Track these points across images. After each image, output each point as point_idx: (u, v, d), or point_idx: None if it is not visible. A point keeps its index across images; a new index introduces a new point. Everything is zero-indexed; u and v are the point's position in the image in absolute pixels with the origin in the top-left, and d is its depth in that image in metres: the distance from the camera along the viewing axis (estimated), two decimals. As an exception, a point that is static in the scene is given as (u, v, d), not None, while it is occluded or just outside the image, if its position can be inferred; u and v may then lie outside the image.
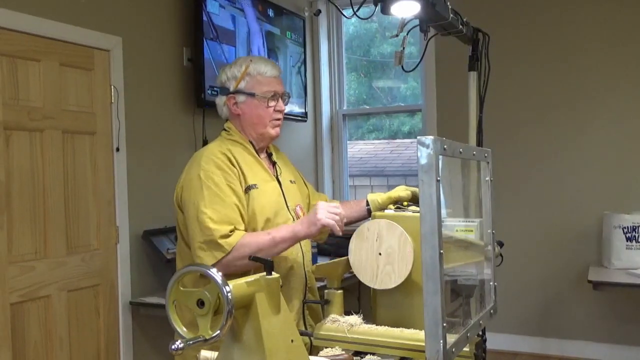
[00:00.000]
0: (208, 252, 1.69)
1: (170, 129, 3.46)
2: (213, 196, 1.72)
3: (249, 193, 1.79)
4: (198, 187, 1.73)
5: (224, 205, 1.72)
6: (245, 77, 1.87)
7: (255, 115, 1.88)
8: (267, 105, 1.88)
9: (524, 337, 4.31)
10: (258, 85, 1.87)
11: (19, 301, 2.63)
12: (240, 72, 1.88)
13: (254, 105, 1.87)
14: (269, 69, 1.90)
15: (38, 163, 2.73)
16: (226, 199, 1.73)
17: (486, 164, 1.57)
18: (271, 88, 1.88)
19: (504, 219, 4.01)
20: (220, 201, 1.72)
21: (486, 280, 1.57)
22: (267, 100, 1.87)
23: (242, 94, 1.87)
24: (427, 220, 1.07)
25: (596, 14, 4.11)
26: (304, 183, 2.14)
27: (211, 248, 1.69)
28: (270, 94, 1.88)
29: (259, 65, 1.89)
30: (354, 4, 2.02)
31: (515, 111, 4.32)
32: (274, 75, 1.90)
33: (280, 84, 1.93)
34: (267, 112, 1.88)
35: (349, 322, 1.54)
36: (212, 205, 1.71)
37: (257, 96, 1.87)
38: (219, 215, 1.70)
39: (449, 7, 2.04)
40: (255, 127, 1.89)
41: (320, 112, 5.04)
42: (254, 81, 1.87)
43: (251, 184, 1.80)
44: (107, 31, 3.07)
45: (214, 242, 1.68)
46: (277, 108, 1.90)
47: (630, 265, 3.73)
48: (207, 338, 1.09)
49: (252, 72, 1.87)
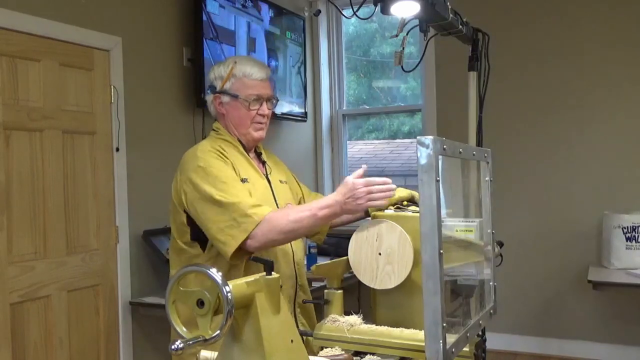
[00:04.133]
0: (239, 229, 1.65)
1: (170, 129, 3.46)
2: (222, 178, 1.72)
3: (244, 185, 1.80)
4: (203, 176, 1.73)
5: (235, 187, 1.72)
6: (231, 78, 1.87)
7: (237, 117, 1.88)
8: (249, 108, 1.86)
9: (524, 337, 4.31)
10: (243, 87, 1.86)
11: (19, 301, 2.63)
12: (226, 73, 1.87)
13: (236, 107, 1.87)
14: (255, 71, 1.88)
15: (38, 163, 2.73)
16: (233, 182, 1.73)
17: (486, 164, 1.57)
18: (255, 91, 1.87)
19: (504, 219, 4.01)
20: (231, 182, 1.72)
21: (486, 280, 1.57)
22: (250, 103, 1.86)
23: (227, 94, 1.87)
24: (427, 220, 1.07)
25: (596, 13, 4.11)
26: (297, 183, 2.13)
27: (241, 222, 1.65)
28: (253, 97, 1.86)
29: (245, 66, 1.87)
30: (354, 4, 2.02)
31: (515, 111, 4.32)
32: (260, 78, 1.88)
33: (267, 87, 1.90)
34: (248, 114, 1.87)
35: (348, 322, 1.54)
36: (224, 187, 1.70)
37: (240, 98, 1.86)
38: (236, 192, 1.70)
39: (448, 7, 2.04)
40: (238, 127, 1.89)
41: (320, 112, 5.04)
42: (239, 83, 1.86)
43: (243, 177, 1.81)
44: (107, 31, 3.07)
45: (243, 215, 1.66)
46: (260, 112, 1.88)
47: (630, 265, 3.73)
48: (207, 338, 1.09)
49: (238, 74, 1.86)
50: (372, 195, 1.66)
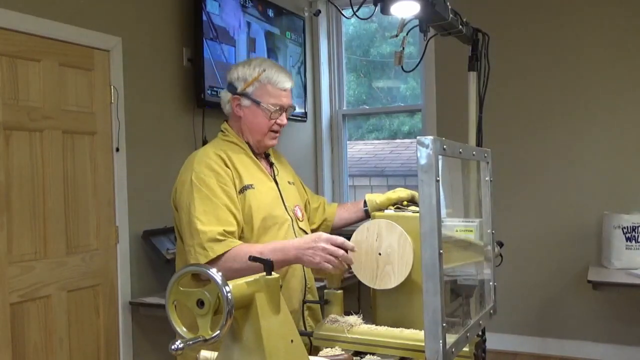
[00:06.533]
0: (194, 257, 1.66)
1: (170, 129, 3.46)
2: (204, 198, 1.69)
3: (245, 193, 1.77)
4: (190, 190, 1.71)
5: (214, 207, 1.69)
6: (255, 82, 1.82)
7: (255, 123, 1.85)
8: (270, 117, 1.83)
9: (523, 337, 4.31)
10: (266, 95, 1.82)
11: (19, 301, 2.63)
12: (251, 77, 1.83)
13: (256, 114, 1.83)
14: (282, 81, 1.84)
15: (38, 163, 2.73)
16: (216, 200, 1.70)
17: (486, 164, 1.57)
18: (278, 101, 1.84)
19: (504, 219, 4.02)
20: (210, 203, 1.69)
21: (486, 280, 1.57)
22: (271, 113, 1.83)
23: (248, 98, 1.84)
24: (427, 220, 1.07)
25: (596, 14, 4.11)
26: (302, 186, 2.12)
27: (197, 252, 1.66)
28: (276, 107, 1.83)
29: (273, 74, 1.83)
30: (354, 4, 2.02)
31: (515, 111, 4.32)
32: (284, 88, 1.85)
33: (289, 97, 1.88)
34: (268, 123, 1.84)
35: (348, 322, 1.54)
36: (203, 207, 1.68)
37: (262, 106, 1.82)
38: (208, 218, 1.67)
39: (448, 7, 2.04)
40: (253, 133, 1.86)
41: (320, 112, 5.04)
42: (263, 90, 1.82)
43: (247, 184, 1.78)
44: (107, 31, 3.07)
45: (200, 246, 1.66)
46: (278, 121, 1.86)
47: (630, 265, 3.73)
48: (207, 338, 1.09)
49: (264, 80, 1.82)
50: (329, 258, 1.59)
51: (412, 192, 1.93)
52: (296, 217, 1.90)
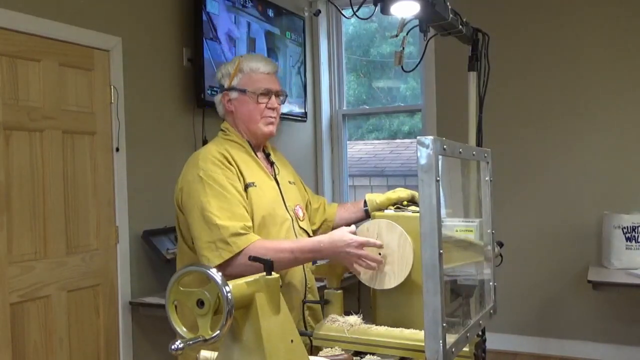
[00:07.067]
0: (215, 252, 1.65)
1: (170, 129, 3.46)
2: (217, 194, 1.70)
3: (247, 191, 1.77)
4: (200, 187, 1.71)
5: (230, 203, 1.70)
6: (238, 73, 1.87)
7: (246, 112, 1.87)
8: (258, 101, 1.86)
9: (523, 337, 4.31)
10: (250, 81, 1.86)
11: (19, 301, 2.63)
12: (232, 69, 1.87)
13: (245, 102, 1.86)
14: (262, 65, 1.88)
15: (38, 163, 2.73)
16: (229, 196, 1.70)
17: (486, 164, 1.57)
18: (263, 85, 1.86)
19: (504, 219, 4.02)
20: (224, 199, 1.70)
21: (486, 280, 1.57)
22: (258, 96, 1.85)
23: (235, 90, 1.87)
24: (427, 220, 1.07)
25: (596, 14, 4.11)
26: (303, 186, 2.12)
27: (219, 247, 1.65)
28: (260, 90, 1.86)
29: (251, 61, 1.88)
30: (354, 4, 2.02)
31: (515, 111, 4.32)
32: (267, 72, 1.89)
33: (275, 81, 1.91)
34: (257, 108, 1.86)
35: (348, 322, 1.54)
36: (218, 203, 1.68)
37: (249, 92, 1.86)
38: (225, 213, 1.68)
39: (448, 7, 2.04)
40: (247, 123, 1.88)
41: (320, 112, 5.04)
42: (247, 78, 1.87)
43: (249, 182, 1.79)
44: (106, 31, 3.07)
45: (223, 241, 1.65)
46: (269, 105, 1.87)
47: (630, 265, 3.73)
48: (206, 338, 1.09)
49: (245, 69, 1.87)
50: (360, 262, 1.63)
51: (412, 192, 1.93)
52: (297, 217, 1.90)
